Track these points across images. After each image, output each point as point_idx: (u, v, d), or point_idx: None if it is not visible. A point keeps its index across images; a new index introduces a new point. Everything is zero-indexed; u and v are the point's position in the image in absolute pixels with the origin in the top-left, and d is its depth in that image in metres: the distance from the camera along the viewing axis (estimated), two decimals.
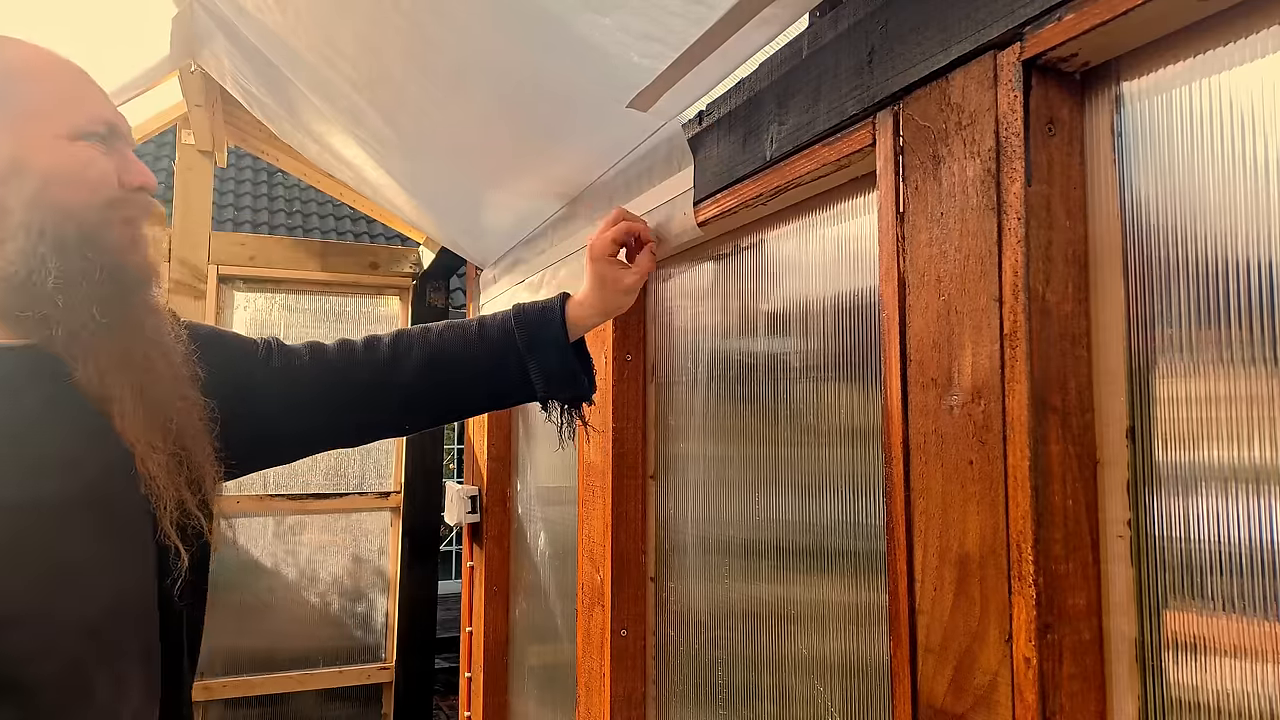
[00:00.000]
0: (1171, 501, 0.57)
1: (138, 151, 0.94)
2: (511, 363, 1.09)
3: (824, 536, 0.93)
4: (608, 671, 1.31)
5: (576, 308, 1.10)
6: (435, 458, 3.13)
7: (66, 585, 0.77)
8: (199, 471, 0.87)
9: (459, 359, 1.09)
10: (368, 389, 1.07)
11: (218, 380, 0.93)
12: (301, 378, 1.05)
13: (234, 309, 2.95)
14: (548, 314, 1.10)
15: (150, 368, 0.86)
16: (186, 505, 0.84)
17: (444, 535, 8.01)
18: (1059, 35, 0.58)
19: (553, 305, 1.10)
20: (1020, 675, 0.60)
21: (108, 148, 0.86)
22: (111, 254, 0.84)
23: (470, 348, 1.09)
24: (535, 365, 1.08)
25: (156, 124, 2.74)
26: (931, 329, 0.69)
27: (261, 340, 1.07)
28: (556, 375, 1.09)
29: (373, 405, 1.09)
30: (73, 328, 0.81)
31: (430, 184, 1.90)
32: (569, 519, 1.74)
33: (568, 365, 1.09)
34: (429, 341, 1.09)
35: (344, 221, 9.03)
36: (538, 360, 1.08)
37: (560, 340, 1.09)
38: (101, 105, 0.87)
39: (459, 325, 1.12)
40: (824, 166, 0.85)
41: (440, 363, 1.09)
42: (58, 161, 0.82)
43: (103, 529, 0.81)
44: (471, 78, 1.26)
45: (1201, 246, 0.56)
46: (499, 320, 1.11)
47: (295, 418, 1.06)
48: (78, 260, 0.81)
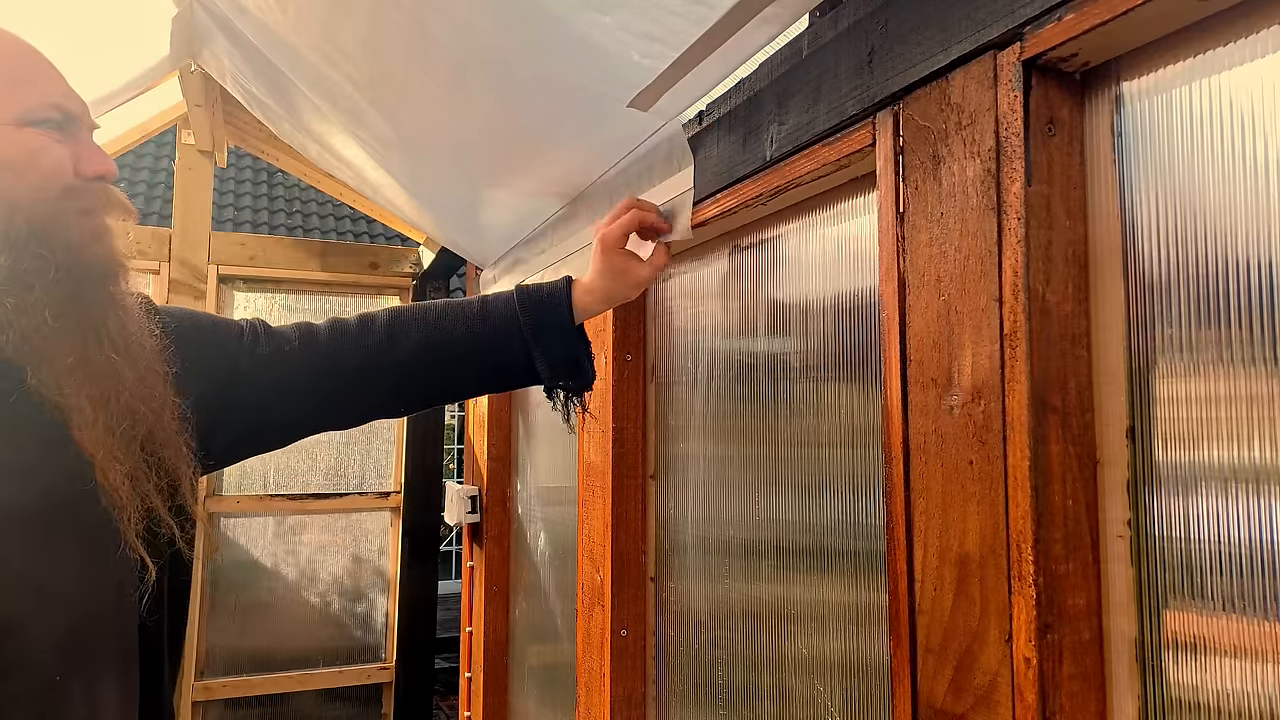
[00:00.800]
0: (1171, 501, 0.57)
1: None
2: (516, 347, 1.05)
3: (824, 536, 0.93)
4: (608, 671, 1.31)
5: (584, 294, 1.06)
6: (435, 458, 3.13)
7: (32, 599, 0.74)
8: (172, 475, 0.83)
9: (459, 341, 1.05)
10: (360, 373, 1.03)
11: (196, 372, 0.89)
12: (290, 364, 1.00)
13: (234, 309, 2.95)
14: (555, 298, 1.06)
15: (113, 371, 0.81)
16: (156, 513, 0.79)
17: (444, 535, 8.01)
18: (1059, 35, 0.58)
19: (559, 290, 1.06)
20: (1020, 675, 0.60)
21: (62, 134, 0.80)
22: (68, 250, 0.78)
23: (473, 330, 1.05)
24: (541, 352, 1.05)
25: (156, 124, 2.74)
26: (931, 329, 0.69)
27: (246, 323, 1.02)
28: (562, 363, 1.06)
29: (364, 389, 1.05)
30: (24, 332, 0.76)
31: (430, 184, 1.90)
32: (569, 519, 1.74)
33: (573, 353, 1.06)
34: (428, 322, 1.05)
35: (344, 221, 9.03)
36: (543, 347, 1.05)
37: (567, 326, 1.05)
38: (54, 88, 0.81)
39: (459, 305, 1.07)
40: (824, 166, 0.85)
41: (439, 344, 1.04)
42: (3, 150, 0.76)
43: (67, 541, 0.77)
44: (472, 76, 1.26)
45: (1201, 246, 0.56)
46: (502, 302, 1.06)
47: (283, 405, 1.01)
48: (29, 259, 0.76)
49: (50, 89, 0.81)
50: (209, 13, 1.69)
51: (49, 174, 0.78)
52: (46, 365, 0.77)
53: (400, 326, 1.05)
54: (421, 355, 1.04)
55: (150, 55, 1.85)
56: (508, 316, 1.05)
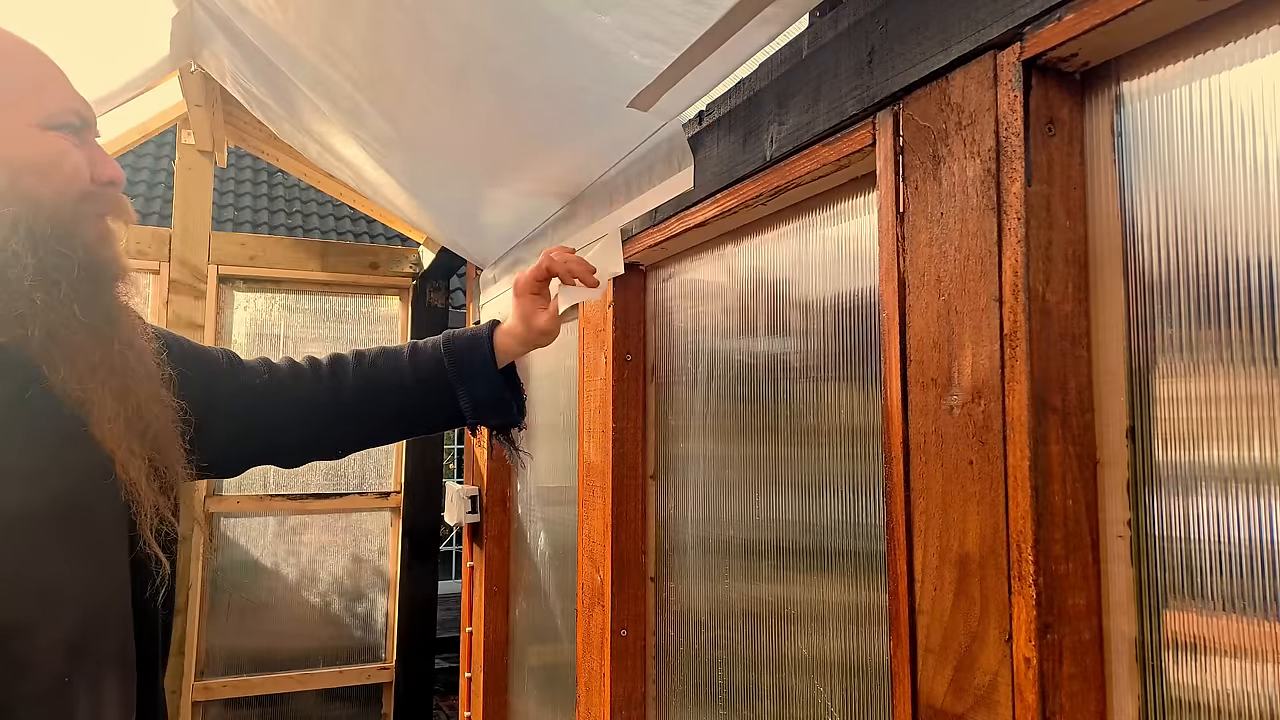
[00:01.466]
0: (1171, 501, 0.57)
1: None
2: (441, 388, 1.11)
3: (824, 536, 0.93)
4: (608, 671, 1.31)
5: (503, 337, 1.12)
6: (435, 458, 3.13)
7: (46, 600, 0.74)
8: (171, 476, 0.85)
9: (391, 384, 1.11)
10: (311, 408, 1.08)
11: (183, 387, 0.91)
12: (259, 397, 1.05)
13: (234, 309, 2.95)
14: (476, 342, 1.12)
15: (130, 369, 0.83)
16: (162, 511, 0.81)
17: (444, 535, 8.01)
18: (1059, 35, 0.58)
19: (481, 334, 1.13)
20: (1020, 675, 0.60)
21: (79, 139, 0.82)
22: (85, 250, 0.80)
23: (401, 373, 1.11)
24: (464, 392, 1.11)
25: (156, 124, 2.74)
26: (931, 329, 0.69)
27: (221, 352, 1.07)
28: (485, 403, 1.12)
29: (310, 425, 1.10)
30: (51, 327, 0.77)
31: (430, 184, 1.90)
32: (569, 519, 1.74)
33: (496, 393, 1.12)
34: (362, 366, 1.11)
35: (344, 221, 9.03)
36: (467, 388, 1.11)
37: (489, 368, 1.11)
38: (72, 94, 0.83)
39: (391, 351, 1.14)
40: (824, 166, 0.85)
41: (373, 387, 1.10)
42: (30, 151, 0.77)
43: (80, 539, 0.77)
44: (472, 76, 1.26)
45: (1201, 246, 0.56)
46: (429, 347, 1.13)
47: (245, 435, 1.06)
48: (53, 257, 0.77)
49: (69, 95, 0.83)
50: (209, 13, 1.69)
51: (70, 177, 0.80)
52: (69, 362, 0.78)
53: (340, 368, 1.11)
54: (358, 396, 1.10)
55: (150, 55, 1.85)
56: (434, 360, 1.12)
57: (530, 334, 1.12)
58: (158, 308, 2.73)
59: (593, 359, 1.44)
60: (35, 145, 0.78)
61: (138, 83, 1.92)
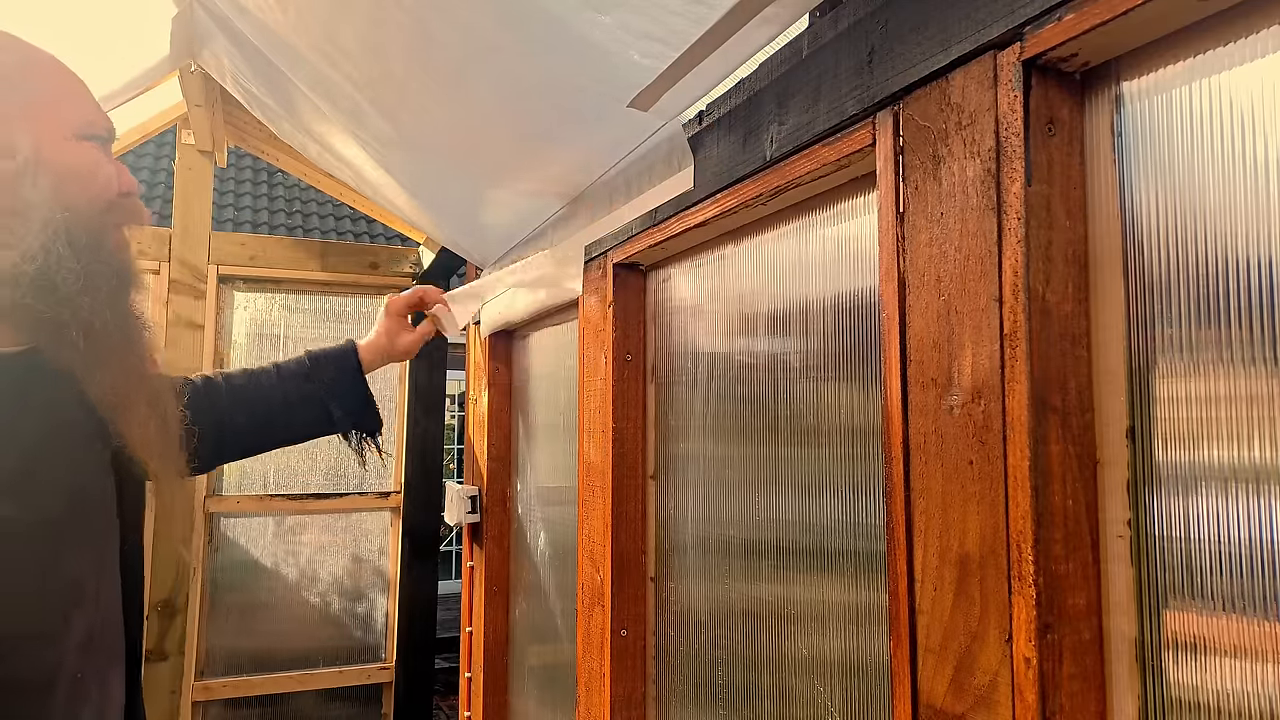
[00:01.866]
0: (1171, 501, 0.57)
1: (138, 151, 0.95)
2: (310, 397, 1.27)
3: (824, 536, 0.93)
4: (608, 671, 1.31)
5: (366, 351, 1.34)
6: (435, 458, 3.13)
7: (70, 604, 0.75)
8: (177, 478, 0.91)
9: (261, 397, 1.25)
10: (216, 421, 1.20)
11: None
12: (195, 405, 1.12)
13: (234, 309, 2.95)
14: (345, 357, 1.32)
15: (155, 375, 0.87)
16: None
17: (444, 535, 8.01)
18: (1059, 35, 0.58)
19: (348, 350, 1.33)
20: (1020, 675, 0.60)
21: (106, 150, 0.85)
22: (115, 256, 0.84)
23: (271, 387, 1.25)
24: (336, 402, 1.28)
25: (156, 124, 2.74)
26: (931, 329, 0.69)
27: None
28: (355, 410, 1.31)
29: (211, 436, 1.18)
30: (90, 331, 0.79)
31: (430, 184, 1.89)
32: (569, 519, 1.74)
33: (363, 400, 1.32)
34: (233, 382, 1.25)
35: (344, 221, 9.03)
36: (340, 399, 1.29)
37: (358, 379, 1.30)
38: (97, 107, 0.87)
39: (259, 370, 1.30)
40: (824, 166, 0.85)
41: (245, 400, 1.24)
42: (70, 160, 0.80)
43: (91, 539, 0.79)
44: (473, 76, 1.26)
45: (1201, 246, 0.56)
46: (294, 363, 1.30)
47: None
48: (91, 262, 0.79)
49: (96, 109, 0.87)
50: (209, 13, 1.69)
51: (104, 187, 0.84)
52: (105, 366, 0.81)
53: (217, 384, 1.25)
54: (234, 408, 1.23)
55: (150, 55, 1.85)
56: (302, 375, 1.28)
57: (394, 349, 1.36)
58: (158, 308, 2.74)
59: (593, 359, 1.44)
60: (74, 155, 0.81)
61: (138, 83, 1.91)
